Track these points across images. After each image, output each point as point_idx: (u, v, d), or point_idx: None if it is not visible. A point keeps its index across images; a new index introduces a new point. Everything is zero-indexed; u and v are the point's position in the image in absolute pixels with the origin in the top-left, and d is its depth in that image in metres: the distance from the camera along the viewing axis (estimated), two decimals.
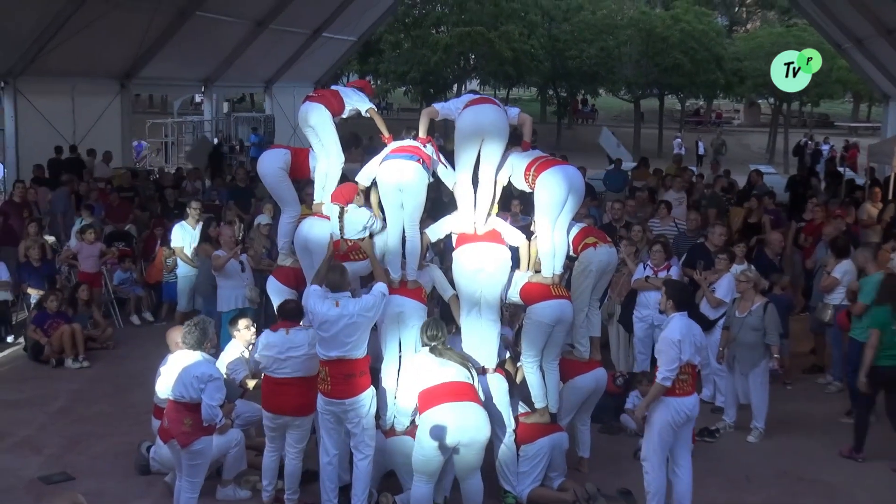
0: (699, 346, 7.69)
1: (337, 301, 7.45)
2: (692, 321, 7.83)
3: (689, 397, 7.62)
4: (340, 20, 27.71)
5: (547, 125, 50.36)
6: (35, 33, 17.56)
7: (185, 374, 7.34)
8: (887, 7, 19.92)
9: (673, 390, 7.52)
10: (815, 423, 10.39)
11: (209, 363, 7.54)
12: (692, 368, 7.62)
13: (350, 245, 8.44)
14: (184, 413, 7.29)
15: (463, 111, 8.17)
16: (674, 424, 7.57)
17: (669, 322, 7.72)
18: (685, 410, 7.58)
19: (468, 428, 7.25)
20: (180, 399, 7.33)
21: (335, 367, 7.43)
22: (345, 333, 7.36)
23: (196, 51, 23.50)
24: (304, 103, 8.81)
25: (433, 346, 7.57)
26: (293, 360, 7.75)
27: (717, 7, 59.70)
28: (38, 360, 12.01)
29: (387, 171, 8.12)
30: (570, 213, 8.26)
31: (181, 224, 13.21)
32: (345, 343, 7.36)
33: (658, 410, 7.60)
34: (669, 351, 7.47)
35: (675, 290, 7.92)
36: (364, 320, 7.45)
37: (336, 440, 7.71)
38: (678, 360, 7.44)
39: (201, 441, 7.33)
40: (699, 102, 61.63)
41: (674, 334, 7.52)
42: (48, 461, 8.98)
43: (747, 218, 15.06)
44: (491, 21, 43.06)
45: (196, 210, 13.29)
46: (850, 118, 56.59)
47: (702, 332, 7.94)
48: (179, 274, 13.13)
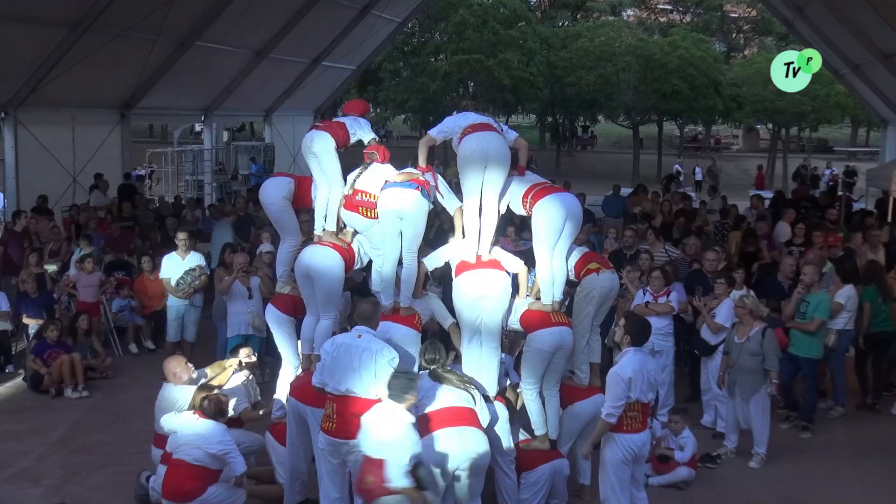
0: (653, 383, 7.60)
1: (360, 333, 7.41)
2: (647, 356, 7.77)
3: (638, 434, 7.50)
4: (339, 49, 27.85)
5: (546, 152, 50.51)
6: (35, 64, 17.64)
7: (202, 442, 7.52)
8: (885, 33, 20.02)
9: (621, 426, 7.43)
10: (817, 449, 10.34)
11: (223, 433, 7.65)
12: (642, 406, 7.51)
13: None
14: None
15: (465, 138, 8.14)
16: (625, 461, 7.47)
17: (622, 357, 7.59)
18: (633, 448, 7.47)
19: (469, 453, 7.20)
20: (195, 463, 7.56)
21: (343, 404, 7.28)
22: (358, 363, 7.23)
23: (196, 80, 23.59)
24: (309, 131, 8.82)
25: (432, 370, 7.51)
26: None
27: (715, 33, 60.17)
28: (38, 390, 11.97)
29: (387, 199, 8.12)
30: (569, 240, 8.25)
31: (170, 255, 12.91)
32: (357, 375, 7.22)
33: (608, 448, 7.53)
34: (616, 387, 7.36)
35: (634, 325, 7.76)
36: (381, 362, 7.24)
37: (339, 484, 7.56)
38: (625, 398, 7.34)
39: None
40: (698, 128, 61.93)
41: (625, 371, 7.39)
42: (47, 492, 8.93)
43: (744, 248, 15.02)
44: (489, 49, 43.27)
45: (184, 241, 12.95)
46: (848, 143, 56.78)
47: (658, 368, 7.88)
48: (168, 305, 12.85)
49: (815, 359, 10.66)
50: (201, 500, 7.55)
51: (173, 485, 7.60)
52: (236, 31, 22.14)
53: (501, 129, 8.38)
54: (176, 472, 7.62)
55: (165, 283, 12.69)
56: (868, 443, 10.58)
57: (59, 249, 15.57)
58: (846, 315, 11.12)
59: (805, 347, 10.46)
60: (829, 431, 10.92)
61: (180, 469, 7.58)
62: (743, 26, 64.03)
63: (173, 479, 7.61)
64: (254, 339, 11.51)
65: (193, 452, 7.54)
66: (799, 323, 10.50)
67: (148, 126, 54.37)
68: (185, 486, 7.55)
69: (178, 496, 7.57)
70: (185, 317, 12.68)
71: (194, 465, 7.54)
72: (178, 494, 7.57)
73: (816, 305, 10.47)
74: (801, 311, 10.58)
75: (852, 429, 11.03)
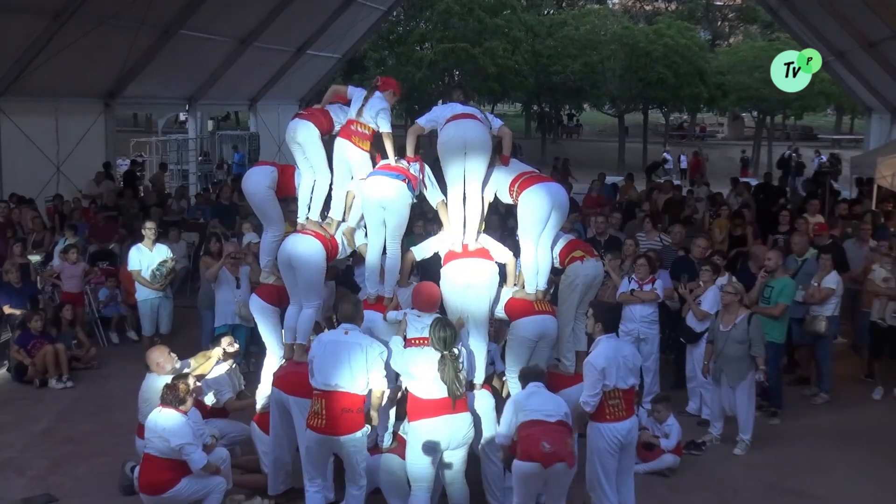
0: (631, 368, 7.55)
1: (347, 330, 7.40)
2: (621, 343, 7.77)
3: (622, 422, 7.47)
4: (324, 37, 27.71)
5: (532, 140, 50.50)
6: (18, 53, 17.48)
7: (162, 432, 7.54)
8: (869, 21, 20.05)
9: (603, 415, 7.41)
10: (802, 435, 10.39)
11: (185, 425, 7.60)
12: (623, 393, 7.46)
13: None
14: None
15: (444, 127, 8.16)
16: (610, 450, 7.44)
17: (596, 346, 7.56)
18: (617, 436, 7.44)
19: (457, 436, 7.27)
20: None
21: (332, 399, 7.27)
22: (346, 358, 7.23)
23: (180, 69, 23.44)
24: (292, 120, 8.76)
25: (443, 356, 7.19)
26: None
27: (700, 21, 60.30)
28: (22, 380, 11.92)
29: (370, 186, 8.13)
30: (554, 230, 8.27)
31: (137, 247, 12.56)
32: (347, 369, 7.22)
33: (592, 437, 7.51)
34: (590, 376, 7.35)
35: (603, 312, 7.78)
36: (371, 355, 7.28)
37: (322, 471, 7.64)
38: (601, 386, 7.31)
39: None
40: (683, 116, 62.02)
41: (598, 360, 7.36)
42: (31, 483, 8.91)
43: (732, 231, 15.09)
44: (475, 37, 43.14)
45: (151, 230, 12.61)
46: (832, 130, 56.96)
47: (634, 352, 7.80)
48: (139, 298, 12.58)
49: (778, 343, 10.63)
50: (175, 490, 7.55)
51: (147, 477, 7.62)
52: (220, 20, 22.02)
53: (486, 118, 8.37)
54: (148, 465, 7.63)
55: (136, 274, 12.39)
56: (852, 429, 10.63)
57: (42, 240, 15.48)
58: (835, 301, 11.15)
59: (769, 332, 10.35)
60: (813, 418, 10.98)
61: (152, 462, 7.59)
62: (728, 14, 64.18)
63: (146, 472, 7.63)
64: (241, 329, 11.49)
65: (159, 445, 7.53)
66: (763, 308, 10.46)
67: (132, 115, 54.09)
68: (157, 479, 7.55)
69: (151, 488, 7.59)
70: (159, 309, 12.53)
71: (162, 457, 7.54)
72: (152, 487, 7.58)
73: (781, 290, 10.48)
74: (765, 296, 10.59)
75: (837, 415, 11.08)
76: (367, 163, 8.41)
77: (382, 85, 8.62)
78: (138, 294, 12.57)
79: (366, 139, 8.37)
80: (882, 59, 21.72)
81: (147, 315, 12.51)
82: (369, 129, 8.37)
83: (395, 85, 8.75)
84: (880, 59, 21.81)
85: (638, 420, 8.03)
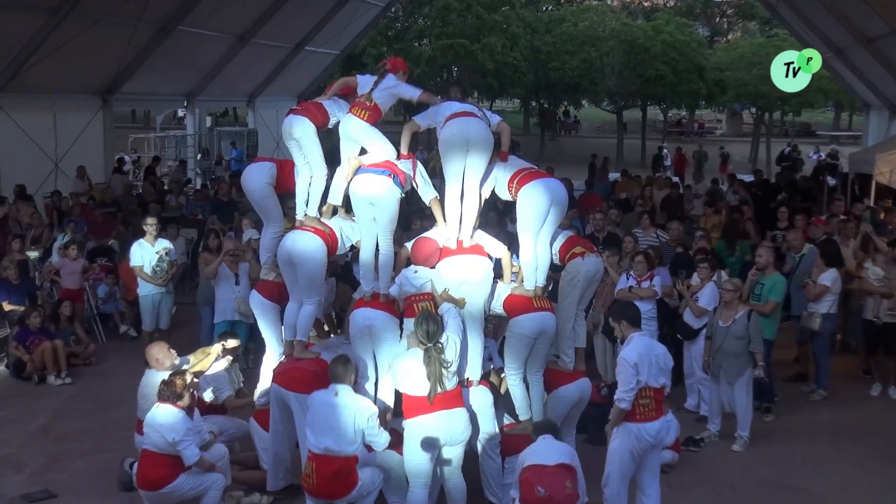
0: (662, 368, 7.45)
1: (337, 391, 7.33)
2: (653, 342, 7.72)
3: (652, 423, 7.35)
4: (323, 34, 27.69)
5: (530, 136, 50.46)
6: (15, 50, 17.46)
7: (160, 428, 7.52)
8: (867, 17, 20.06)
9: (634, 415, 7.29)
10: (799, 432, 10.40)
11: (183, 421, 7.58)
12: (655, 392, 7.36)
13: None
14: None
15: (447, 123, 8.14)
16: (634, 451, 7.33)
17: (628, 343, 7.45)
18: (647, 437, 7.33)
19: (455, 432, 7.30)
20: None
21: (322, 463, 7.22)
22: (336, 421, 7.19)
23: (178, 65, 23.44)
24: (287, 116, 8.74)
25: (427, 349, 7.25)
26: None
27: (699, 18, 60.25)
28: (21, 377, 11.94)
29: (359, 183, 8.13)
30: (553, 226, 8.25)
31: (139, 242, 12.44)
32: (336, 433, 7.18)
33: (619, 436, 7.38)
34: (625, 372, 7.25)
35: (621, 310, 7.77)
36: (360, 417, 7.23)
37: None
38: (635, 380, 7.21)
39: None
40: (681, 113, 62.01)
41: (631, 355, 7.28)
42: (29, 479, 8.91)
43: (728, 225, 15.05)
44: (473, 33, 43.10)
45: (152, 226, 12.55)
46: (831, 127, 56.92)
47: (666, 352, 7.64)
48: (140, 293, 12.49)
49: (769, 340, 10.50)
50: (173, 486, 7.54)
51: (144, 473, 7.61)
52: (218, 16, 22.00)
53: (485, 114, 8.37)
54: (146, 461, 7.62)
55: (138, 270, 12.31)
56: (850, 425, 10.64)
57: (40, 236, 15.48)
58: (831, 298, 11.16)
59: (761, 329, 10.35)
60: (811, 414, 10.99)
61: (149, 458, 7.59)
62: (726, 10, 64.06)
63: (144, 468, 7.62)
64: (240, 325, 11.50)
65: (156, 441, 7.52)
66: (754, 305, 10.38)
67: (130, 112, 54.03)
68: (154, 474, 7.55)
69: (149, 484, 7.58)
70: (160, 304, 12.45)
71: (160, 453, 7.53)
72: (149, 482, 7.57)
73: (771, 287, 10.45)
74: (755, 294, 10.56)
75: (834, 412, 11.10)
76: (371, 130, 8.41)
77: (392, 67, 8.65)
78: (140, 289, 12.50)
79: (367, 110, 8.36)
80: (880, 55, 21.73)
81: (148, 310, 12.45)
82: (376, 106, 8.38)
83: (403, 65, 8.78)
84: (879, 56, 21.83)
85: (667, 422, 7.91)
